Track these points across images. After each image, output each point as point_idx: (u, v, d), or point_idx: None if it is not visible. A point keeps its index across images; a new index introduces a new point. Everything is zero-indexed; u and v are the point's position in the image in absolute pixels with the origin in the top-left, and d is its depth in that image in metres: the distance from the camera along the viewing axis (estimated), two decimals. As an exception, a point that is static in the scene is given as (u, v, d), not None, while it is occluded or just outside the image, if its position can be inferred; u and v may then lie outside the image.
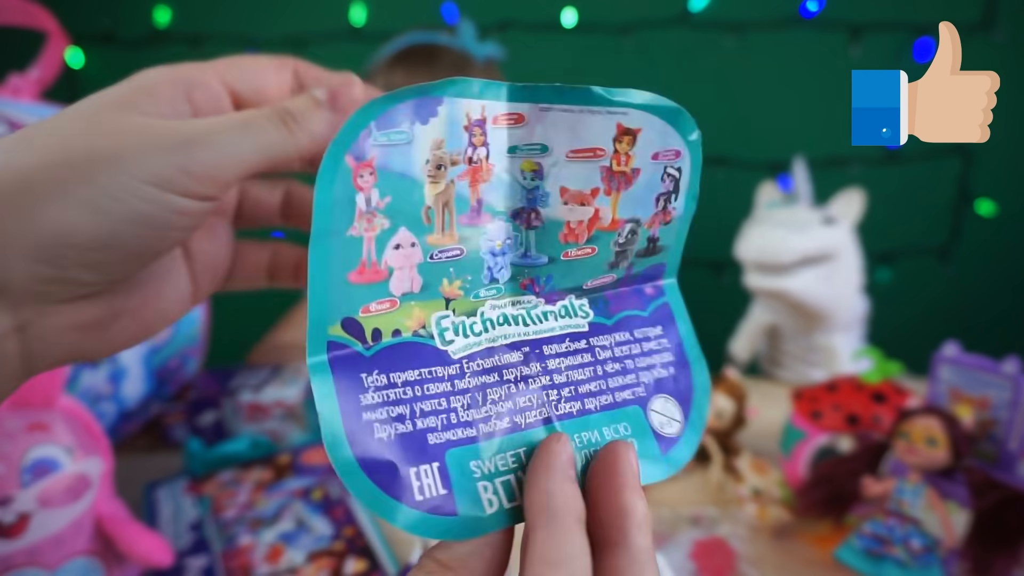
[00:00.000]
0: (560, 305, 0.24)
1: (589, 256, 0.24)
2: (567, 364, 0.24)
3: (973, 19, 1.16)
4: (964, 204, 1.27)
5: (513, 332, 0.23)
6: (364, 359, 0.21)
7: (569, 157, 0.22)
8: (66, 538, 0.43)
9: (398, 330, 0.22)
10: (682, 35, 1.24)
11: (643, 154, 0.23)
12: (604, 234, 0.24)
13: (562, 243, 0.23)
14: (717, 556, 0.54)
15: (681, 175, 0.24)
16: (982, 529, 0.50)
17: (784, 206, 0.91)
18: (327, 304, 0.20)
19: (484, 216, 0.22)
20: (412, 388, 0.21)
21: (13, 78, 0.52)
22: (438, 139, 0.21)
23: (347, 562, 0.52)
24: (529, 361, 0.23)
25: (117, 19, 1.28)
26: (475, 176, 0.22)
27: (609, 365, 0.24)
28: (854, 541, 0.54)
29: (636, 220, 0.24)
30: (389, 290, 0.22)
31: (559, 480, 0.20)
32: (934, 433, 0.52)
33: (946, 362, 0.63)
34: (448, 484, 0.20)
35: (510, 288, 0.24)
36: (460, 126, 0.21)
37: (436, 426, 0.21)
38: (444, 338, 0.22)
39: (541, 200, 0.23)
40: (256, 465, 0.65)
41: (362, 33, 1.26)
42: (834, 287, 0.88)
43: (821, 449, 0.61)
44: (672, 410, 0.24)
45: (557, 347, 0.24)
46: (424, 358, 0.22)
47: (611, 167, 0.23)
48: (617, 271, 0.25)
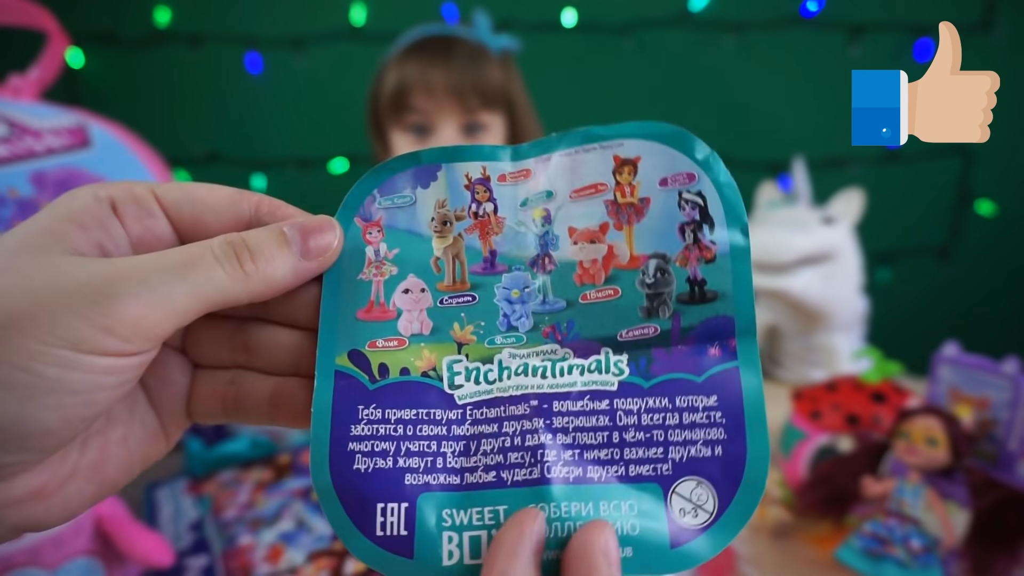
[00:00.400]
0: (593, 359, 0.22)
1: (612, 299, 0.22)
2: (576, 424, 0.21)
3: (973, 19, 1.17)
4: (964, 204, 1.27)
5: (529, 383, 0.22)
6: (366, 392, 0.22)
7: (572, 197, 0.23)
8: (66, 538, 0.43)
9: (407, 368, 0.23)
10: (682, 35, 1.24)
11: (649, 182, 0.22)
12: (624, 273, 0.22)
13: (578, 285, 0.23)
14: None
15: (707, 201, 0.22)
16: (982, 529, 0.50)
17: (784, 206, 0.91)
18: (336, 336, 0.22)
19: (499, 266, 0.23)
20: (404, 427, 0.22)
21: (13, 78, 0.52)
22: (441, 199, 0.23)
23: (347, 562, 0.52)
24: (534, 416, 0.22)
25: (117, 19, 1.27)
26: (484, 229, 0.23)
27: (630, 433, 0.21)
28: (854, 541, 0.54)
29: (662, 256, 0.22)
30: (397, 329, 0.23)
31: (519, 566, 0.19)
32: (934, 433, 0.52)
33: (946, 362, 0.63)
34: (411, 527, 0.21)
35: (532, 337, 0.23)
36: (461, 186, 0.23)
37: (418, 467, 0.21)
38: (453, 382, 0.23)
39: (552, 243, 0.23)
40: (256, 465, 0.65)
41: (362, 33, 1.26)
42: (834, 287, 0.88)
43: (821, 449, 0.61)
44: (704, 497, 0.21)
45: (571, 404, 0.22)
46: (426, 400, 0.22)
47: (616, 200, 0.23)
48: (658, 321, 0.22)
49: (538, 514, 0.20)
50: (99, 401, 0.19)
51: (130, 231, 0.21)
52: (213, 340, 0.24)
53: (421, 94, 0.83)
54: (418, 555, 0.21)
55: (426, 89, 0.83)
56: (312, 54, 1.28)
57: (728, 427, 0.21)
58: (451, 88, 0.82)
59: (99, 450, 0.21)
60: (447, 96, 0.83)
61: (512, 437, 0.22)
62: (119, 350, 0.18)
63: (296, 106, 1.32)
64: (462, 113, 0.84)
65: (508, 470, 0.21)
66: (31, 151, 0.48)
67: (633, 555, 0.20)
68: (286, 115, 1.32)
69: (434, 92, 0.83)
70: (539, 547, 0.20)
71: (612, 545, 0.19)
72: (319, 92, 1.30)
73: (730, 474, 0.21)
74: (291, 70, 1.28)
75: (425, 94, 0.83)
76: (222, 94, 1.32)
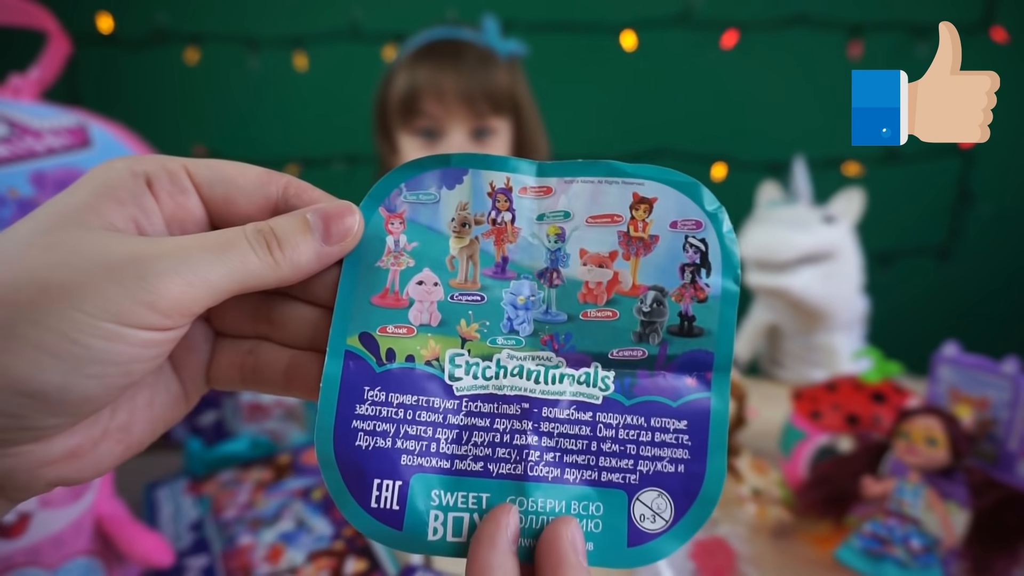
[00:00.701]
0: (583, 371, 0.25)
1: (610, 320, 0.25)
2: (560, 431, 0.24)
3: (973, 19, 1.17)
4: (964, 204, 1.27)
5: (522, 385, 0.24)
6: (373, 374, 0.24)
7: (589, 222, 0.25)
8: (66, 538, 0.43)
9: (412, 356, 0.24)
10: (682, 35, 1.24)
11: (661, 222, 0.25)
12: (625, 299, 0.25)
13: (581, 303, 0.25)
14: (717, 556, 0.54)
15: (708, 248, 0.24)
16: (982, 529, 0.50)
17: (784, 205, 0.91)
18: (349, 318, 0.24)
19: (509, 272, 0.25)
20: (405, 411, 0.24)
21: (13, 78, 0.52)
22: (463, 202, 0.25)
23: (347, 562, 0.52)
24: (523, 417, 0.24)
25: (117, 19, 1.28)
26: (500, 236, 0.25)
27: (607, 444, 0.24)
28: (854, 541, 0.54)
29: (660, 289, 0.25)
30: (408, 318, 0.24)
31: (500, 554, 0.21)
32: (934, 433, 0.52)
33: (946, 362, 0.64)
34: (403, 503, 0.23)
35: (531, 342, 0.25)
36: (484, 192, 0.25)
37: (414, 450, 0.24)
38: (453, 374, 0.24)
39: (562, 260, 0.25)
40: (256, 465, 0.65)
41: (362, 33, 1.26)
42: (834, 286, 0.88)
43: (821, 449, 0.61)
44: (663, 507, 0.24)
45: (558, 412, 0.24)
46: (427, 388, 0.24)
47: (628, 232, 0.25)
48: (647, 346, 0.24)
49: (512, 508, 0.23)
50: (137, 371, 0.20)
51: (164, 207, 0.22)
52: (238, 311, 0.25)
53: (432, 99, 0.83)
54: (407, 528, 0.23)
55: (437, 94, 0.83)
56: (312, 54, 1.28)
57: (693, 449, 0.24)
58: (461, 93, 0.82)
59: (128, 413, 0.23)
60: (457, 101, 0.83)
61: (502, 434, 0.24)
62: (159, 324, 0.20)
63: (296, 106, 1.32)
64: (472, 118, 0.84)
65: (495, 463, 0.24)
66: (31, 151, 0.48)
67: (594, 549, 0.23)
68: (286, 115, 1.32)
69: (445, 97, 0.83)
70: (515, 537, 0.22)
71: (579, 537, 0.22)
72: (319, 92, 1.30)
73: (689, 489, 0.24)
74: (291, 70, 1.28)
75: (436, 99, 0.83)
76: (222, 94, 1.32)
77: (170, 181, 0.22)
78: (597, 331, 0.25)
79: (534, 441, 0.24)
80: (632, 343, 0.25)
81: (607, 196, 0.25)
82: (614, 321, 0.25)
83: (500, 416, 0.24)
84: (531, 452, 0.24)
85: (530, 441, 0.24)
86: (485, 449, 0.24)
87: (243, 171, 0.23)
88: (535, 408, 0.24)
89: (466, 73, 0.83)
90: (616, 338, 0.25)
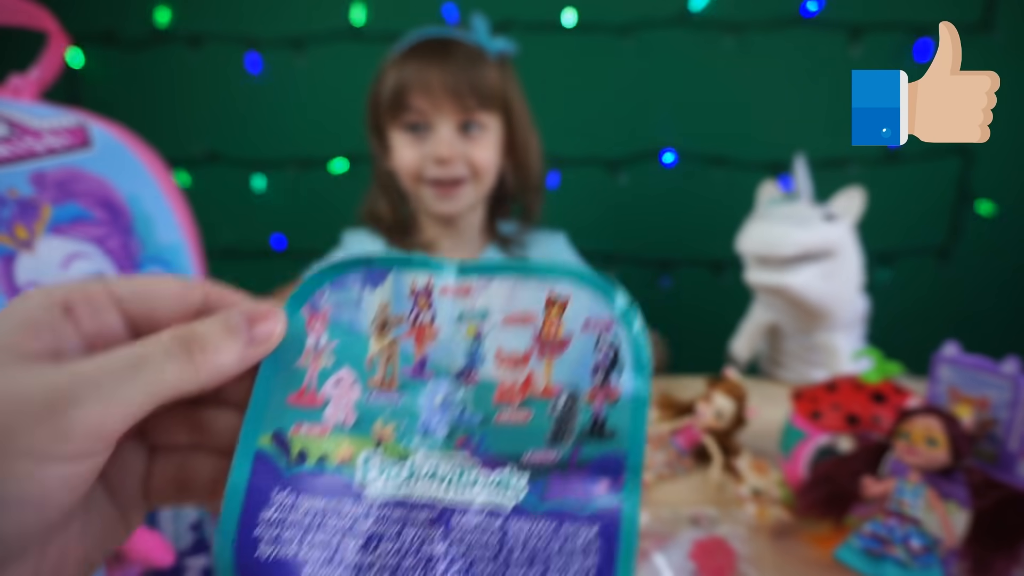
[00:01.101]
0: (497, 475, 0.24)
1: (524, 423, 0.25)
2: (469, 540, 0.23)
3: (973, 19, 1.17)
4: (964, 204, 1.27)
5: (434, 491, 0.24)
6: (282, 476, 0.23)
7: (505, 322, 0.25)
8: (66, 538, 0.43)
9: (324, 457, 0.24)
10: (682, 35, 1.24)
11: (573, 322, 0.25)
12: (538, 401, 0.25)
13: (496, 403, 0.25)
14: (717, 556, 0.54)
15: (620, 348, 0.25)
16: (982, 529, 0.50)
17: (785, 203, 0.91)
18: (263, 417, 0.24)
19: (428, 373, 0.25)
20: (312, 517, 0.23)
21: (13, 78, 0.52)
22: (384, 303, 0.25)
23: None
24: (432, 525, 0.23)
25: (117, 19, 1.27)
26: (420, 336, 0.25)
27: (515, 553, 0.23)
28: (854, 541, 0.54)
29: (573, 392, 0.25)
30: (323, 417, 0.24)
31: None
32: (934, 433, 0.52)
33: (946, 362, 0.64)
34: None
35: (445, 444, 0.24)
36: (405, 293, 0.25)
37: (319, 559, 0.23)
38: (365, 478, 0.24)
39: (479, 360, 0.25)
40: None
41: (362, 33, 1.26)
42: (834, 285, 0.88)
43: (821, 449, 0.61)
44: None
45: (468, 520, 0.23)
46: (338, 492, 0.24)
47: (542, 334, 0.25)
48: (559, 448, 0.24)
49: None
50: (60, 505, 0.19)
51: (83, 330, 0.21)
52: (170, 421, 0.24)
53: (419, 93, 0.84)
54: None
55: (424, 89, 0.83)
56: (312, 54, 1.28)
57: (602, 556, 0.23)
58: (448, 88, 0.83)
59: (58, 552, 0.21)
60: (444, 95, 0.83)
61: (410, 542, 0.23)
62: (77, 454, 0.19)
63: (296, 106, 1.32)
64: (459, 112, 0.85)
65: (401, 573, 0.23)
66: (31, 151, 0.48)
67: None
68: (286, 115, 1.32)
69: (432, 91, 0.83)
70: None
71: None
72: (319, 92, 1.30)
73: None
74: (291, 70, 1.28)
75: (423, 93, 0.83)
76: (222, 94, 1.32)
77: (87, 303, 0.22)
78: (511, 433, 0.24)
79: (442, 550, 0.23)
80: (545, 445, 0.24)
81: (523, 295, 0.25)
82: (528, 423, 0.25)
83: (409, 524, 0.23)
84: (438, 563, 0.23)
85: (438, 550, 0.23)
86: (392, 558, 0.23)
87: (162, 283, 0.23)
88: (445, 516, 0.23)
89: (454, 68, 0.83)
90: (530, 440, 0.24)
